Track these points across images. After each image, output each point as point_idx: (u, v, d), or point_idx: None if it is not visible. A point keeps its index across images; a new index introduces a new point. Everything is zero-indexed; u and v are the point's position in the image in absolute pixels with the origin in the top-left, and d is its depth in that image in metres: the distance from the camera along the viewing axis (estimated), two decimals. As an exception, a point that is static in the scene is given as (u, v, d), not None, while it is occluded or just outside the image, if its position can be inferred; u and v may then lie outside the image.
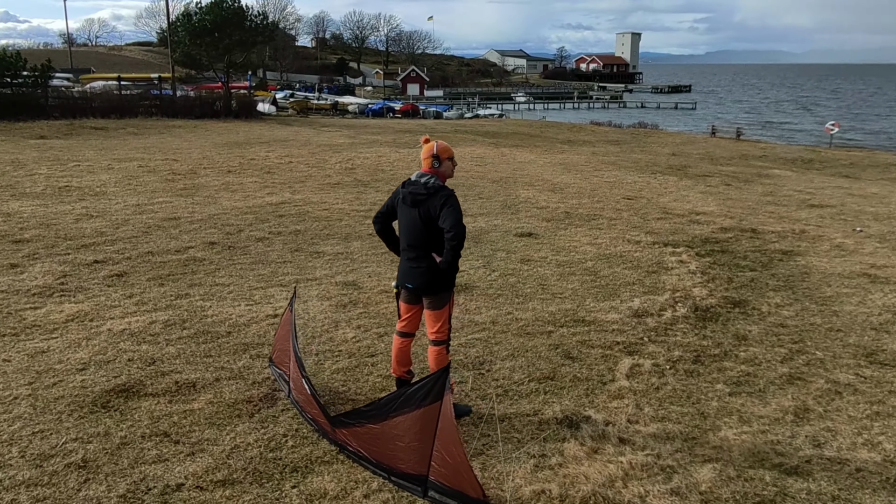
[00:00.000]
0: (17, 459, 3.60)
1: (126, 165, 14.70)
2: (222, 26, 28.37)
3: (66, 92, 28.44)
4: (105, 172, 13.61)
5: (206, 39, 28.87)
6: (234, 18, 28.55)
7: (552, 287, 7.01)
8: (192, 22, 29.13)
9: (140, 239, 8.36)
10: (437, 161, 4.06)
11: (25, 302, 6.04)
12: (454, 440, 3.18)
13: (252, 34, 29.39)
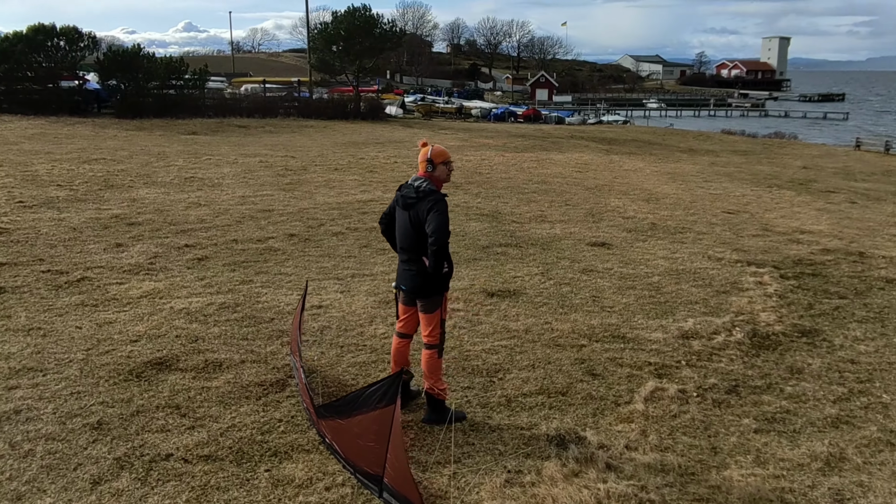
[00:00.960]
0: (48, 415, 4.01)
1: (249, 160, 15.84)
2: (354, 33, 29.72)
3: (220, 93, 31.14)
4: (229, 166, 14.75)
5: (339, 46, 30.38)
6: (365, 26, 29.80)
7: (604, 300, 6.65)
8: (329, 30, 30.80)
9: (231, 227, 8.98)
10: (431, 165, 4.00)
11: (115, 278, 6.69)
12: (400, 445, 3.11)
13: (381, 41, 30.52)
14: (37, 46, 25.24)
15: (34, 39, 25.01)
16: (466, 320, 5.92)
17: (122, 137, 19.93)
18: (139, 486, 3.39)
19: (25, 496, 3.26)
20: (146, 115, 26.26)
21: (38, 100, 25.64)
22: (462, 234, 9.19)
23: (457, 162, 17.05)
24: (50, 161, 14.05)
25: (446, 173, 4.09)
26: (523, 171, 16.27)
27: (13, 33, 25.42)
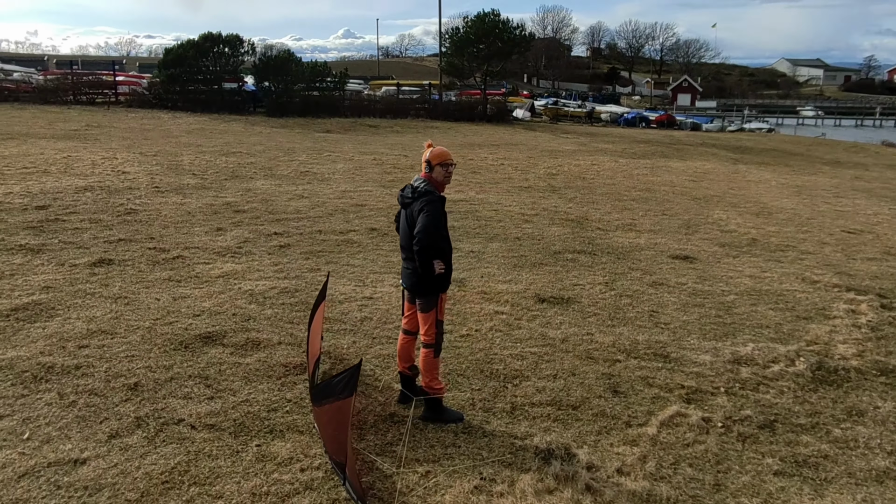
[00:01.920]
0: (100, 373, 4.48)
1: (364, 158, 16.54)
2: (483, 38, 29.92)
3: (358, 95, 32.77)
4: (344, 162, 15.50)
5: (468, 50, 30.75)
6: (494, 31, 29.88)
7: (662, 316, 6.19)
8: (459, 34, 31.29)
9: (322, 219, 9.45)
10: (429, 166, 3.97)
11: (205, 258, 7.31)
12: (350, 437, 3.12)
13: (509, 45, 30.46)
14: (205, 52, 28.08)
15: (203, 46, 27.87)
16: (506, 324, 5.78)
17: (264, 134, 21.63)
18: (145, 444, 3.70)
19: (53, 440, 3.68)
20: (291, 114, 28.31)
21: (204, 99, 28.50)
22: (538, 238, 8.97)
23: (564, 167, 16.67)
24: (196, 153, 15.59)
25: (444, 175, 4.03)
26: (630, 178, 15.51)
27: (186, 41, 28.51)
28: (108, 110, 26.81)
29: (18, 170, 11.82)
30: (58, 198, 9.62)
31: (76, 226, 8.19)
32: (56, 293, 5.90)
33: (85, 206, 9.25)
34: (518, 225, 9.73)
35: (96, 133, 18.67)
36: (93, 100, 29.27)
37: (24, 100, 27.84)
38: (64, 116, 22.89)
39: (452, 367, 4.87)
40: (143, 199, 9.91)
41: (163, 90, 28.24)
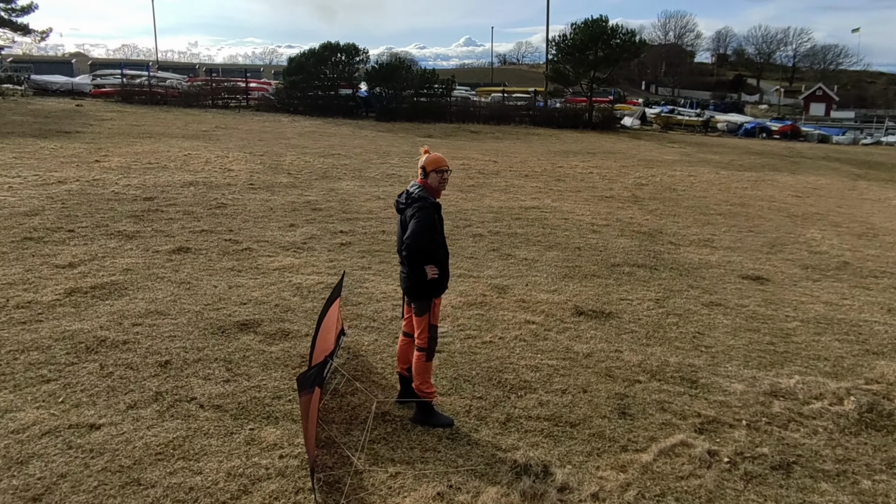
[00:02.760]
0: (141, 349, 4.88)
1: (452, 163, 16.66)
2: (589, 44, 29.11)
3: (464, 101, 33.10)
4: (432, 166, 15.73)
5: (574, 56, 30.06)
6: (602, 37, 28.97)
7: (706, 338, 5.73)
8: (566, 40, 30.66)
9: (390, 220, 9.65)
10: (424, 172, 3.95)
11: (270, 251, 7.73)
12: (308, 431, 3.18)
13: (618, 51, 29.39)
14: (324, 60, 29.63)
15: (322, 55, 29.43)
16: (533, 334, 5.62)
17: (368, 137, 22.46)
18: (155, 417, 3.99)
19: (81, 405, 4.06)
20: (399, 119, 29.20)
21: (321, 104, 30.10)
22: (600, 249, 8.62)
23: (656, 177, 15.88)
24: (299, 153, 16.51)
25: (438, 181, 4.01)
26: (726, 191, 14.45)
27: (308, 50, 30.25)
28: (238, 113, 29.04)
29: (143, 165, 13.13)
30: (165, 191, 10.58)
31: (171, 216, 8.97)
32: (133, 275, 6.50)
33: (185, 199, 10.10)
34: (584, 235, 9.40)
35: (221, 134, 20.30)
36: (227, 104, 31.86)
37: (171, 103, 30.83)
38: (199, 119, 25.08)
39: (461, 373, 4.81)
40: (235, 195, 10.66)
41: (285, 95, 30.15)
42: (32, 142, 15.61)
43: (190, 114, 26.95)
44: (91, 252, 7.16)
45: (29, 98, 29.87)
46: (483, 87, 46.00)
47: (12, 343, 4.83)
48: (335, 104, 30.15)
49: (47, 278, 6.27)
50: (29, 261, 6.77)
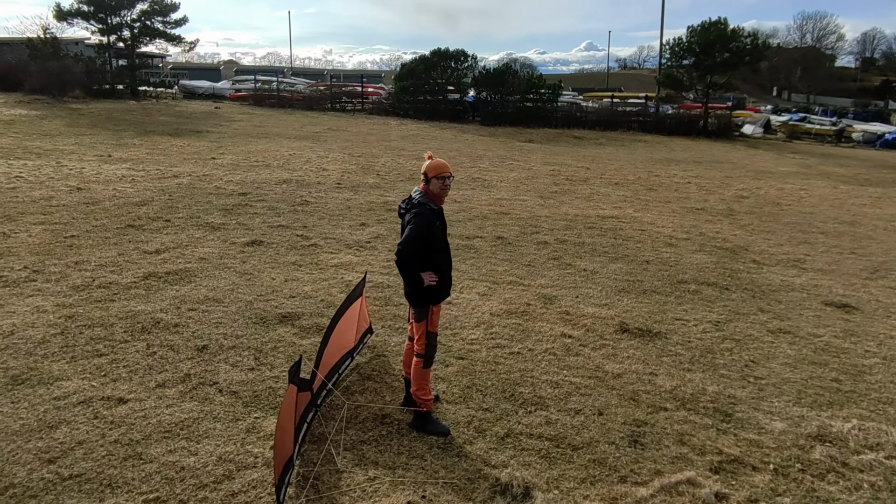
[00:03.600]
0: (187, 333, 5.21)
1: (542, 168, 16.33)
2: (707, 48, 27.21)
3: (572, 107, 32.27)
4: (519, 171, 15.50)
5: (690, 60, 28.26)
6: (720, 40, 26.96)
7: (760, 369, 5.15)
8: (681, 44, 28.89)
9: (459, 224, 9.61)
10: (425, 178, 3.85)
11: (334, 248, 7.97)
12: (280, 427, 3.20)
13: (737, 55, 27.22)
14: (433, 66, 30.17)
15: (431, 60, 29.98)
16: (565, 348, 5.33)
17: (468, 141, 22.57)
18: (177, 397, 4.23)
19: (118, 380, 4.40)
20: (503, 124, 29.10)
21: (430, 108, 30.67)
22: (670, 264, 8.03)
23: (761, 189, 14.61)
24: (394, 156, 16.93)
25: (440, 187, 3.90)
26: (838, 208, 12.92)
27: (419, 56, 30.93)
28: (353, 116, 30.35)
29: (251, 163, 14.08)
30: (260, 187, 11.27)
31: (256, 211, 9.53)
32: (205, 264, 6.97)
33: (274, 195, 10.69)
34: (657, 248, 8.80)
35: (329, 135, 21.31)
36: (344, 107, 33.42)
37: (295, 106, 32.84)
38: (315, 121, 26.51)
39: (477, 381, 4.67)
40: (320, 193, 11.12)
41: (396, 100, 31.05)
42: (166, 139, 17.26)
43: (309, 116, 28.54)
44: (177, 241, 7.77)
45: (178, 101, 33.11)
46: (591, 92, 44.57)
47: (83, 318, 5.35)
48: (442, 108, 30.59)
49: (133, 262, 6.89)
50: (124, 246, 7.47)
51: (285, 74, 51.25)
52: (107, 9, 30.89)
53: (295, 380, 3.29)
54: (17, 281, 6.13)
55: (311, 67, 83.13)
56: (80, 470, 3.40)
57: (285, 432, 3.28)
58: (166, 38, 33.06)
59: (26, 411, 3.93)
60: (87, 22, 31.07)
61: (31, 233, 7.74)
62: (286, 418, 3.25)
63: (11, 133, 16.74)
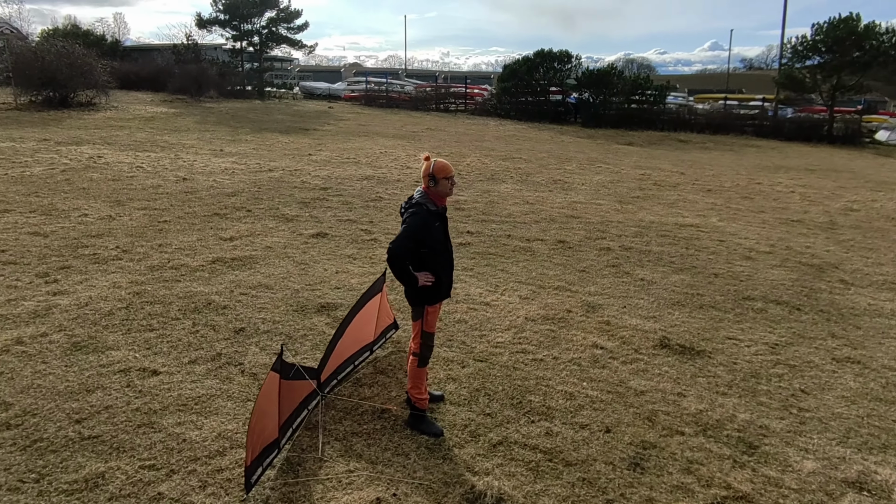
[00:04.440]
0: (231, 315, 5.50)
1: (632, 172, 15.55)
2: (835, 46, 24.48)
3: (679, 109, 30.44)
4: (605, 175, 14.87)
5: (815, 60, 25.59)
6: (852, 38, 24.12)
7: (809, 400, 4.57)
8: (805, 42, 26.19)
9: (523, 225, 9.39)
10: (433, 180, 3.79)
11: (394, 244, 8.06)
12: (257, 411, 3.28)
13: (871, 54, 24.20)
14: (536, 66, 29.71)
15: (534, 61, 29.53)
16: (592, 360, 5.04)
17: (562, 143, 22.03)
18: (203, 374, 4.49)
19: (158, 353, 4.75)
20: (605, 126, 28.10)
21: (531, 109, 30.29)
22: (741, 279, 7.35)
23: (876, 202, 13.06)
24: (482, 155, 16.89)
25: (449, 187, 3.82)
26: (972, 226, 11.15)
27: (522, 58, 30.57)
28: (455, 117, 30.67)
29: (341, 160, 14.66)
30: (341, 182, 11.69)
31: (330, 205, 9.90)
32: (268, 252, 7.35)
33: (352, 191, 11.05)
34: (732, 260, 8.08)
35: (426, 134, 21.67)
36: (448, 108, 33.85)
37: (402, 107, 33.77)
38: (417, 121, 27.08)
39: (488, 385, 4.54)
40: (395, 191, 11.33)
41: (497, 100, 30.95)
42: (275, 136, 18.40)
43: (413, 116, 29.21)
44: (252, 229, 8.26)
45: (298, 101, 35.21)
46: (707, 93, 41.72)
47: (149, 296, 5.83)
48: (544, 109, 30.09)
49: (207, 247, 7.41)
50: (205, 232, 8.06)
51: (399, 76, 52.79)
52: (240, 17, 33.48)
53: (276, 367, 3.38)
54: (106, 259, 6.81)
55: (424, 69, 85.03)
56: (98, 432, 3.71)
57: (266, 416, 3.37)
58: (289, 42, 35.23)
59: (74, 375, 4.35)
60: (222, 29, 33.88)
61: (132, 217, 8.57)
62: (267, 403, 3.35)
63: (148, 128, 18.63)
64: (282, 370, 3.44)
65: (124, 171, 11.59)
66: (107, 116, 20.84)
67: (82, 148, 13.99)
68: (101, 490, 3.22)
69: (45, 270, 6.32)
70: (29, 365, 4.44)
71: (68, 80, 22.35)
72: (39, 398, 4.03)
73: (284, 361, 3.45)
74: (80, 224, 8.06)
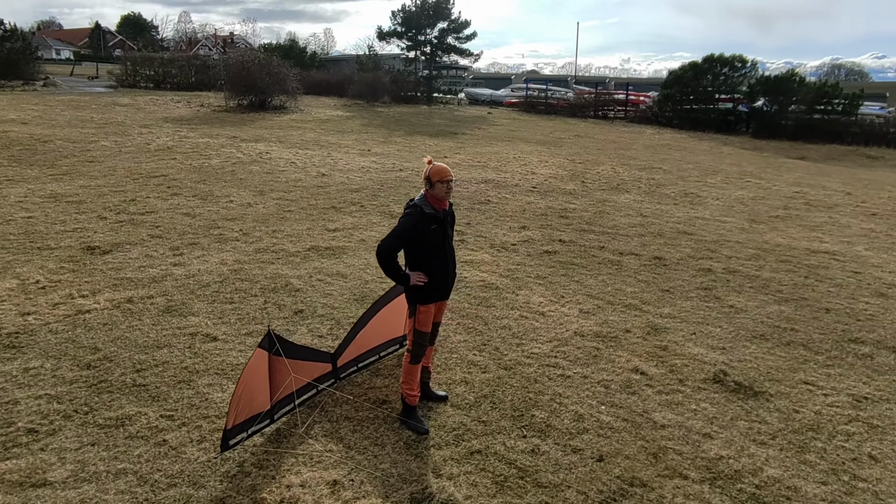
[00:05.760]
0: (300, 297, 5.97)
1: (784, 189, 13.65)
2: None
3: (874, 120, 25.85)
4: (748, 190, 13.24)
5: None
6: None
7: (872, 469, 3.75)
8: None
9: (623, 238, 8.77)
10: (428, 183, 3.78)
11: (477, 246, 8.06)
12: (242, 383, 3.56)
13: None
14: (703, 72, 27.28)
15: (701, 67, 27.12)
16: (625, 385, 4.63)
17: (720, 154, 20.04)
18: (251, 346, 4.94)
19: (226, 323, 5.33)
20: (779, 137, 24.97)
21: (694, 118, 27.93)
22: (860, 317, 6.17)
23: None
24: (618, 164, 16.03)
25: (444, 191, 3.77)
26: None
27: (689, 63, 28.21)
28: (611, 124, 29.43)
29: (472, 163, 14.92)
30: (459, 184, 11.91)
31: (438, 205, 10.15)
32: (360, 245, 7.80)
33: (465, 193, 11.22)
34: (856, 297, 6.79)
35: (570, 141, 21.13)
36: (606, 115, 32.56)
37: (559, 113, 33.25)
38: (569, 127, 26.48)
39: (497, 393, 4.41)
40: (507, 195, 11.26)
41: (658, 108, 29.03)
42: (423, 139, 19.28)
43: (567, 123, 28.62)
44: (356, 223, 8.82)
45: (461, 106, 36.39)
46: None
47: (243, 273, 6.55)
48: (709, 118, 27.56)
49: (311, 236, 8.08)
50: (317, 222, 8.80)
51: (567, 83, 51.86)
52: (415, 28, 35.49)
53: (263, 344, 3.65)
54: (227, 239, 7.77)
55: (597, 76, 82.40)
56: (147, 382, 4.32)
57: (254, 388, 3.66)
58: (457, 51, 36.50)
59: (155, 332, 5.09)
60: (399, 40, 36.19)
61: (265, 205, 9.64)
62: (253, 376, 3.63)
63: (319, 129, 20.64)
64: (269, 348, 3.71)
65: (279, 166, 13.03)
66: (291, 118, 23.46)
67: (258, 145, 15.97)
68: (123, 429, 3.76)
69: (178, 245, 7.41)
70: (128, 320, 5.29)
71: (266, 86, 25.59)
72: (121, 348, 4.79)
73: (271, 340, 3.71)
74: (224, 209, 9.28)
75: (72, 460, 3.44)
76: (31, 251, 6.85)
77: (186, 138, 15.95)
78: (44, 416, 3.83)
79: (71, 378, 4.30)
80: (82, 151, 12.98)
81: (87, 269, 6.40)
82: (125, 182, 10.48)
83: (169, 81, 33.63)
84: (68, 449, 3.54)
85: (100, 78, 38.26)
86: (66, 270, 6.34)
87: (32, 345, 4.73)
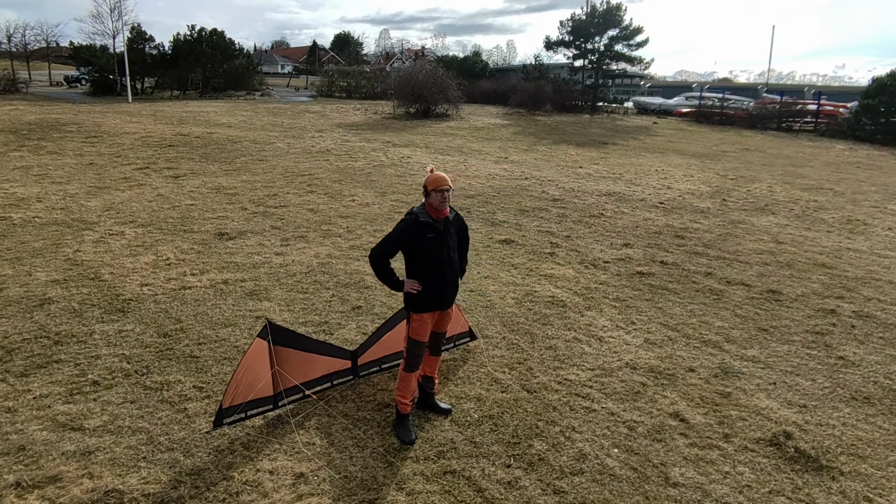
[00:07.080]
0: (364, 294, 6.15)
1: None
2: None
3: None
4: (852, 206, 10.57)
5: None
6: None
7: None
8: None
9: (745, 266, 7.56)
10: (425, 192, 3.63)
11: (566, 260, 7.55)
12: (241, 368, 3.74)
13: None
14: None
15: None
16: (655, 430, 4.01)
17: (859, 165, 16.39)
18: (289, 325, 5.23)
19: (293, 311, 5.68)
20: None
21: None
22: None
23: None
24: (777, 182, 13.92)
25: (439, 200, 3.60)
26: None
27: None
28: (794, 137, 25.71)
29: (605, 174, 14.06)
30: (577, 196, 11.30)
31: (545, 216, 9.74)
32: (448, 250, 7.79)
33: (579, 205, 10.59)
34: None
35: (733, 155, 18.87)
36: (790, 127, 28.48)
37: (737, 124, 29.91)
38: (741, 140, 23.68)
39: (504, 416, 4.10)
40: (625, 210, 10.38)
41: (853, 120, 24.59)
42: (567, 148, 18.68)
43: (742, 135, 25.69)
44: (455, 228, 8.82)
45: (627, 116, 34.53)
46: None
47: (328, 267, 6.93)
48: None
49: (407, 238, 8.26)
50: (419, 225, 8.97)
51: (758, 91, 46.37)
52: (584, 36, 34.46)
53: (262, 335, 3.82)
54: (331, 235, 8.30)
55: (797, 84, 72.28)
56: (200, 355, 4.79)
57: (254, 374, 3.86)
58: (625, 59, 34.64)
59: (231, 312, 5.61)
60: (566, 49, 35.42)
61: (381, 206, 10.10)
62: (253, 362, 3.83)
63: (469, 136, 21.07)
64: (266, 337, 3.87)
65: (411, 170, 13.56)
66: (448, 126, 24.28)
67: (404, 149, 16.80)
68: (160, 393, 4.21)
69: (289, 237, 8.10)
70: (215, 299, 5.92)
71: (431, 95, 26.83)
72: (198, 323, 5.38)
73: (267, 330, 3.86)
74: (343, 207, 9.93)
75: (109, 413, 3.95)
76: (177, 233, 8.00)
77: (347, 142, 17.35)
78: (110, 372, 4.45)
79: (148, 343, 4.93)
80: (258, 151, 14.82)
81: (209, 252, 7.29)
82: (277, 179, 11.73)
83: (358, 91, 36.98)
84: (112, 402, 4.07)
85: (308, 89, 43.52)
86: (194, 252, 7.29)
87: (136, 311, 5.53)
